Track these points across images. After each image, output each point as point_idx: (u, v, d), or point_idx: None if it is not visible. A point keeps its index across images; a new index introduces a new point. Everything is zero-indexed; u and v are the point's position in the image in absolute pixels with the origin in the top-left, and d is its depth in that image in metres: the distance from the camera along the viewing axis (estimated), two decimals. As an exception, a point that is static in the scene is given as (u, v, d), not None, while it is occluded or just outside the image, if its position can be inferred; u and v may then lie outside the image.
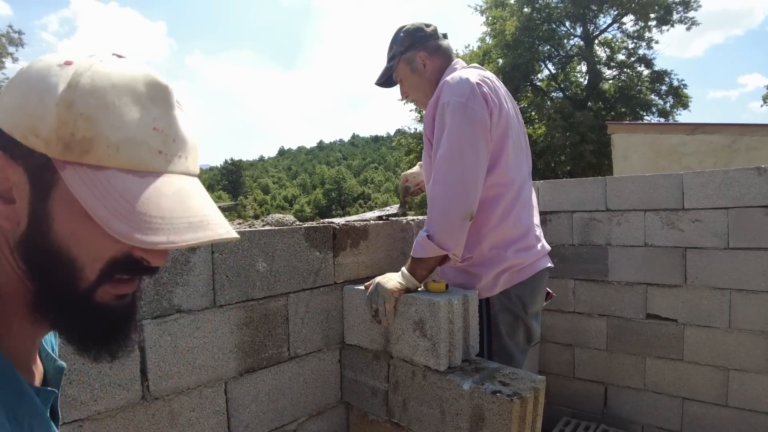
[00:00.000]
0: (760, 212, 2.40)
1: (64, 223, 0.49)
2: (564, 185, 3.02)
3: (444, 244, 1.51)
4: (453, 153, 1.50)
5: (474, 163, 1.50)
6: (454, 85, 1.56)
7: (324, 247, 1.74)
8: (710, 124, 6.53)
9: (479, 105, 1.52)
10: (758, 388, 2.45)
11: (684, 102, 20.36)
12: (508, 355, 1.69)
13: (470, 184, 1.50)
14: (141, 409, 1.29)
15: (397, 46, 1.81)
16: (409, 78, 1.82)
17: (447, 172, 1.51)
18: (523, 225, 1.67)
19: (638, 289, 2.77)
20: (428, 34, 1.79)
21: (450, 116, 1.52)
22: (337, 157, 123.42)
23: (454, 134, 1.51)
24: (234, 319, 1.48)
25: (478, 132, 1.51)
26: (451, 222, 1.50)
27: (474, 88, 1.54)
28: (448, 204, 1.50)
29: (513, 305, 1.68)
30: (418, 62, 1.78)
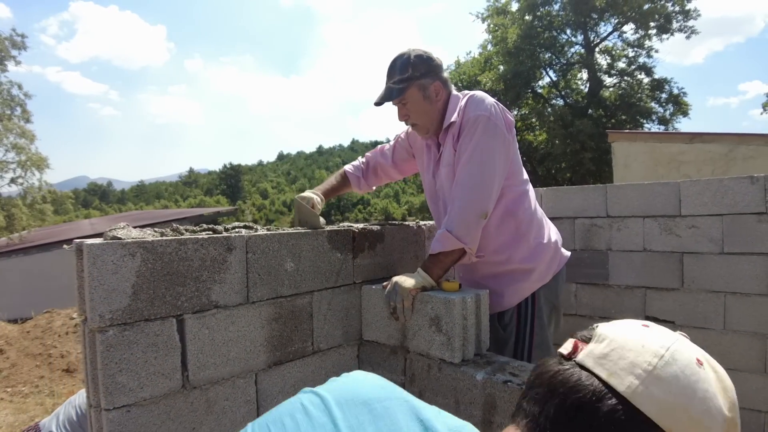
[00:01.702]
0: (753, 219, 2.53)
1: None
2: (566, 192, 3.15)
3: (462, 238, 1.71)
4: (475, 159, 1.73)
5: (492, 170, 1.73)
6: (480, 102, 1.80)
7: (344, 249, 1.87)
8: (708, 134, 6.67)
9: (500, 120, 1.76)
10: (752, 387, 2.56)
11: (684, 110, 20.56)
12: (548, 346, 1.92)
13: (487, 186, 1.72)
14: (181, 397, 1.41)
15: (413, 70, 1.84)
16: (420, 104, 1.87)
17: (467, 176, 1.73)
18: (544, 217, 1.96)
19: (638, 293, 2.89)
20: (439, 65, 1.92)
21: (476, 128, 1.75)
22: (336, 162, 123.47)
23: (477, 143, 1.74)
24: (264, 315, 1.60)
25: (498, 143, 1.75)
26: (469, 218, 1.71)
27: (495, 106, 1.79)
28: (466, 203, 1.71)
29: (552, 296, 1.95)
30: (431, 91, 1.87)
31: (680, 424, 0.52)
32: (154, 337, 1.34)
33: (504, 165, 1.78)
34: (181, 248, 1.39)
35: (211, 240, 1.45)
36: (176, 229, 1.51)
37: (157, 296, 1.35)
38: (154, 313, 1.34)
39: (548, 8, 21.00)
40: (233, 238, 1.50)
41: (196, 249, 1.42)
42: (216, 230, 1.56)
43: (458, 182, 1.75)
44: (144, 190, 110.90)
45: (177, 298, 1.39)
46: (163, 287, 1.36)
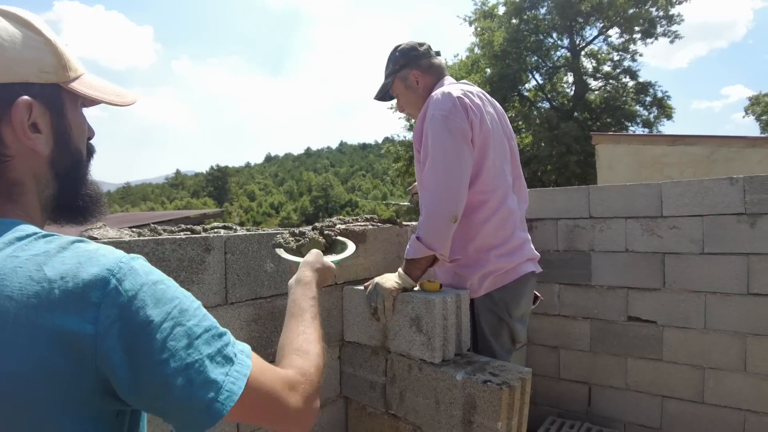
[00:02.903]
0: (732, 219, 2.56)
1: (75, 127, 0.72)
2: (550, 194, 3.17)
3: (431, 245, 1.65)
4: (437, 162, 1.65)
5: (456, 171, 1.64)
6: (439, 100, 1.70)
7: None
8: (690, 136, 6.77)
9: (460, 117, 1.65)
10: (732, 386, 2.59)
11: (668, 113, 20.82)
12: (492, 355, 1.79)
13: (453, 189, 1.64)
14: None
15: (393, 64, 1.96)
16: (404, 94, 1.97)
17: (432, 180, 1.66)
18: (506, 230, 1.78)
19: (620, 293, 2.92)
20: (421, 53, 1.94)
21: (433, 129, 1.67)
22: (324, 164, 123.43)
23: (437, 145, 1.65)
24: (244, 316, 1.59)
25: (459, 142, 1.65)
26: (437, 224, 1.64)
27: (455, 101, 1.67)
28: (433, 208, 1.64)
29: (497, 308, 1.79)
30: (411, 79, 1.93)
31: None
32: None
33: (468, 165, 1.68)
34: (158, 248, 1.37)
35: (189, 240, 1.44)
36: (154, 229, 1.50)
37: (134, 297, 1.33)
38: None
39: (534, 12, 21.15)
40: (211, 239, 1.49)
41: (173, 249, 1.40)
42: (194, 230, 1.55)
43: (425, 187, 1.69)
44: (130, 192, 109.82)
45: (154, 299, 1.37)
46: (139, 288, 1.34)
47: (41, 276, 0.53)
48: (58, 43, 0.69)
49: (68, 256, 0.56)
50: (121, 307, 0.54)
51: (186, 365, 0.57)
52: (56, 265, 0.54)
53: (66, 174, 0.71)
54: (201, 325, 0.60)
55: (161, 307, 0.57)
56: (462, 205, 1.66)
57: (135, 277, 0.57)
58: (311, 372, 0.77)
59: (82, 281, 0.54)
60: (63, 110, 0.69)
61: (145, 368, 0.55)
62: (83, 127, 0.75)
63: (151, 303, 0.56)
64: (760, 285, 2.50)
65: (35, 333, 0.51)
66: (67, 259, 0.55)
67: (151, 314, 0.56)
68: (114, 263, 0.56)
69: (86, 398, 0.55)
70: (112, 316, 0.53)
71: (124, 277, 0.55)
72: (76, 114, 0.72)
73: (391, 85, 1.98)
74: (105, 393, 0.56)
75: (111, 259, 0.57)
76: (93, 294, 0.53)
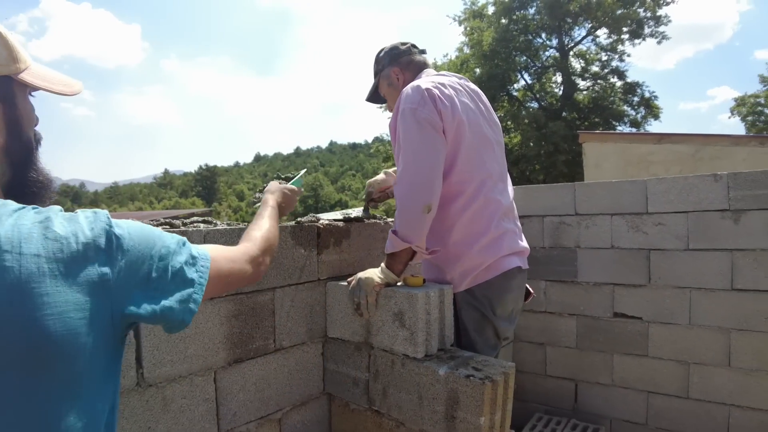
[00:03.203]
0: (716, 216, 2.57)
1: (25, 116, 0.76)
2: (536, 191, 3.16)
3: (407, 238, 1.63)
4: (407, 154, 1.63)
5: (426, 161, 1.61)
6: (408, 94, 1.68)
7: (309, 245, 1.83)
8: (676, 134, 6.82)
9: (429, 109, 1.63)
10: (716, 381, 2.61)
11: (655, 113, 21.01)
12: (475, 351, 1.74)
13: (425, 179, 1.60)
14: (135, 396, 1.36)
15: (378, 65, 2.00)
16: (389, 92, 1.98)
17: (403, 172, 1.64)
18: (485, 221, 1.72)
19: (606, 289, 2.92)
20: (402, 51, 1.96)
21: (403, 122, 1.65)
22: (314, 163, 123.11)
23: (407, 138, 1.64)
24: (224, 311, 1.56)
25: (428, 132, 1.62)
26: (410, 216, 1.62)
27: (424, 93, 1.65)
28: (406, 200, 1.62)
29: (479, 304, 1.74)
30: (393, 77, 1.94)
31: None
32: (106, 335, 1.29)
33: (440, 155, 1.64)
34: (134, 242, 1.34)
35: (166, 234, 1.41)
36: (130, 223, 1.46)
37: (109, 292, 1.30)
38: (106, 309, 1.29)
39: (524, 12, 21.25)
40: (190, 233, 1.46)
41: (150, 243, 1.37)
42: (173, 224, 1.52)
43: (397, 180, 1.67)
44: (118, 191, 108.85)
45: (130, 294, 1.34)
46: (115, 283, 1.31)
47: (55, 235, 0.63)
48: (8, 36, 0.72)
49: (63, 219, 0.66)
50: (120, 247, 0.69)
51: (173, 274, 0.75)
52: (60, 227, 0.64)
53: (19, 162, 0.75)
54: (173, 242, 0.78)
55: (145, 239, 0.73)
56: (436, 195, 1.62)
57: (118, 224, 0.71)
58: (257, 244, 1.08)
59: (90, 234, 0.66)
60: (14, 101, 0.74)
61: (149, 287, 0.72)
62: (31, 115, 0.79)
63: (138, 238, 0.72)
64: (743, 280, 2.51)
65: (70, 281, 0.62)
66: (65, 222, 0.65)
67: (141, 246, 0.72)
68: (102, 218, 0.69)
69: (105, 327, 0.67)
70: (118, 256, 0.68)
71: (113, 226, 0.69)
72: (25, 103, 0.77)
73: (377, 86, 2.02)
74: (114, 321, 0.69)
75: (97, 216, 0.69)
76: (100, 241, 0.67)
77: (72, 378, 0.63)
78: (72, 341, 0.62)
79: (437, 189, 1.62)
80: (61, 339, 0.61)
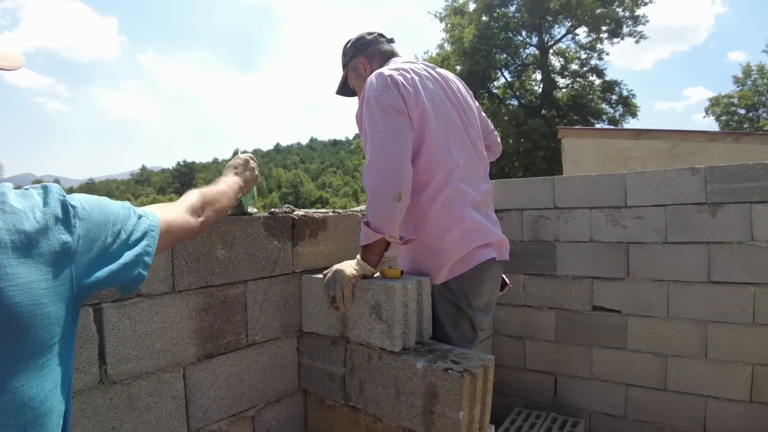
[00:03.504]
0: (694, 209, 2.58)
1: None
2: (515, 184, 3.14)
3: (379, 228, 1.58)
4: (374, 142, 1.58)
5: (393, 146, 1.56)
6: (372, 81, 1.65)
7: (283, 237, 1.78)
8: (654, 130, 6.90)
9: (392, 95, 1.59)
10: (693, 373, 2.62)
11: (633, 111, 21.33)
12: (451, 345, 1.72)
13: (392, 165, 1.55)
14: (99, 393, 1.29)
15: (345, 57, 1.98)
16: (357, 83, 1.95)
17: (370, 160, 1.59)
18: (455, 212, 1.67)
19: (585, 283, 2.92)
20: (369, 41, 1.93)
21: (368, 111, 1.62)
22: (294, 160, 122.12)
23: (372, 125, 1.60)
24: (193, 305, 1.49)
25: (393, 117, 1.58)
26: (380, 205, 1.56)
27: (387, 79, 1.61)
28: (374, 189, 1.57)
29: (454, 297, 1.69)
30: (360, 68, 1.92)
31: None
32: (66, 330, 1.22)
33: (407, 140, 1.59)
34: (96, 232, 1.27)
35: (131, 224, 1.34)
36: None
37: (69, 285, 1.22)
38: (66, 303, 1.22)
39: (504, 9, 21.36)
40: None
41: (114, 233, 1.31)
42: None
43: (364, 170, 1.62)
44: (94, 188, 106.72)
45: (93, 286, 1.27)
46: (76, 275, 1.23)
47: (12, 209, 0.64)
48: None
49: (17, 195, 0.67)
50: (77, 215, 0.72)
51: (128, 235, 0.81)
52: (16, 201, 0.66)
53: None
54: (122, 207, 0.84)
55: (98, 207, 0.78)
56: (406, 182, 1.56)
57: (71, 196, 0.74)
58: (195, 197, 1.15)
59: (46, 206, 0.69)
60: None
61: (107, 251, 0.77)
62: None
63: (91, 207, 0.76)
64: (720, 273, 2.53)
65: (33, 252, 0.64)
66: (20, 197, 0.67)
67: (96, 214, 0.76)
68: (55, 190, 0.71)
69: (68, 296, 0.70)
70: (76, 224, 0.71)
71: (67, 197, 0.73)
72: None
73: (346, 79, 2.00)
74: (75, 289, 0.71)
75: (49, 188, 0.71)
76: (57, 211, 0.69)
77: (36, 347, 0.65)
78: (36, 311, 0.64)
79: (407, 175, 1.57)
80: (25, 310, 0.62)
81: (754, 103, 24.69)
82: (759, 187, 2.42)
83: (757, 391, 2.49)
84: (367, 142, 1.63)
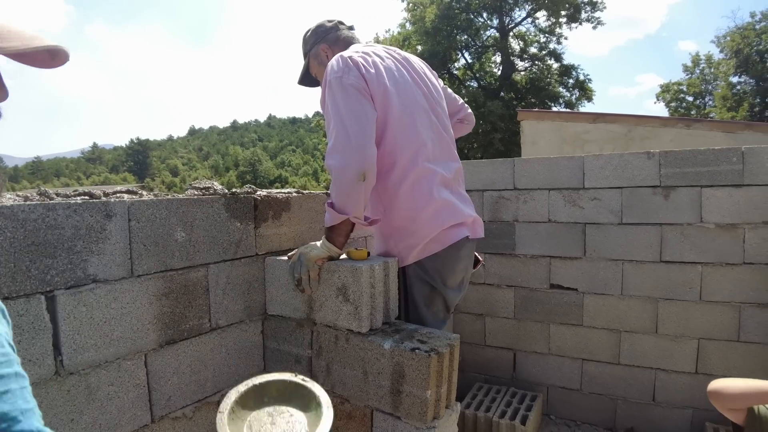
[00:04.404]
0: (648, 191, 2.68)
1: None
2: (476, 166, 3.18)
3: (343, 209, 1.56)
4: (336, 123, 1.56)
5: (356, 125, 1.54)
6: (332, 64, 1.64)
7: (245, 218, 1.74)
8: (610, 115, 7.09)
9: (354, 75, 1.59)
10: (644, 347, 2.75)
11: (588, 95, 21.87)
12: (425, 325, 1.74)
13: (356, 145, 1.53)
14: (54, 385, 1.24)
15: (306, 46, 1.97)
16: (319, 71, 1.93)
17: (334, 141, 1.56)
18: (424, 192, 1.67)
19: (543, 262, 3.00)
20: (328, 28, 1.93)
21: (330, 92, 1.60)
22: (252, 138, 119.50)
23: (334, 107, 1.58)
24: (153, 290, 1.45)
25: (354, 98, 1.57)
26: (344, 186, 1.54)
27: (347, 61, 1.61)
28: (338, 170, 1.54)
29: (429, 277, 1.71)
30: (321, 55, 1.91)
31: None
32: (17, 318, 1.15)
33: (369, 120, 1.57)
34: (48, 214, 1.21)
35: (86, 205, 1.28)
36: (44, 193, 1.32)
37: (20, 270, 1.16)
38: (17, 289, 1.15)
39: (466, -10, 21.36)
40: (112, 204, 1.33)
41: (68, 216, 1.24)
42: (93, 195, 1.38)
43: (327, 152, 1.59)
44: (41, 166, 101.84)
45: (45, 272, 1.20)
46: (27, 260, 1.17)
47: None
48: None
49: None
50: None
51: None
52: None
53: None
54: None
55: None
56: (370, 162, 1.54)
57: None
58: None
59: None
60: None
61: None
62: None
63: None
64: (671, 253, 2.64)
65: None
66: None
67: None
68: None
69: None
70: None
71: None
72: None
73: (308, 67, 1.98)
74: None
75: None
76: None
77: None
78: None
79: (371, 155, 1.54)
80: None
81: (701, 91, 25.76)
82: (708, 171, 2.53)
83: (702, 363, 2.63)
84: (330, 124, 1.60)
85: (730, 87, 23.28)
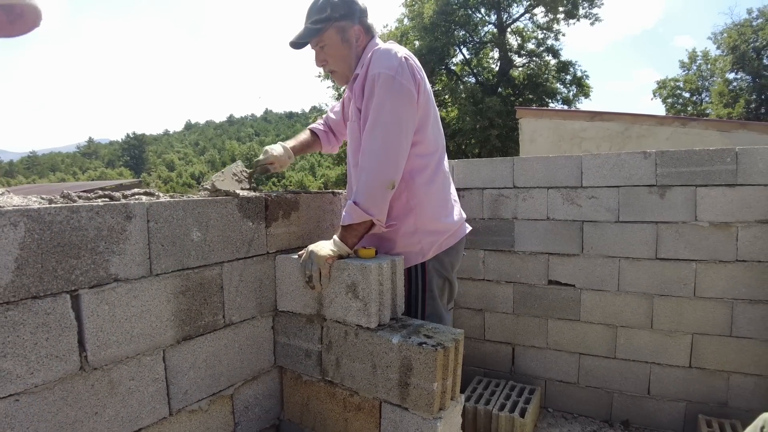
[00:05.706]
0: (644, 190, 2.74)
1: None
2: (476, 164, 3.24)
3: (369, 210, 1.63)
4: (378, 125, 1.60)
5: (397, 136, 1.60)
6: (384, 57, 1.63)
7: (257, 218, 1.80)
8: (607, 113, 7.17)
9: (407, 79, 1.61)
10: (640, 342, 2.82)
11: (586, 92, 21.92)
12: (439, 316, 1.87)
13: (392, 155, 1.61)
14: (80, 380, 1.30)
15: (331, 10, 1.74)
16: (338, 47, 1.78)
17: (372, 144, 1.62)
18: (446, 192, 1.85)
19: (541, 258, 3.07)
20: (363, 9, 1.80)
21: (379, 88, 1.61)
22: (248, 132, 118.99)
23: (380, 107, 1.60)
24: (170, 288, 1.51)
25: (404, 105, 1.61)
26: (375, 190, 1.62)
27: (402, 61, 1.62)
28: (372, 174, 1.62)
29: (444, 270, 1.88)
30: (351, 34, 1.78)
31: None
32: (45, 316, 1.22)
33: (411, 129, 1.64)
34: (73, 216, 1.27)
35: (107, 207, 1.34)
36: (67, 196, 1.38)
37: (47, 270, 1.22)
38: (44, 289, 1.21)
39: (464, -14, 21.36)
40: (132, 206, 1.39)
41: (90, 217, 1.30)
42: (113, 197, 1.44)
43: (364, 151, 1.64)
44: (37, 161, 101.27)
45: (70, 272, 1.27)
46: (53, 260, 1.23)
47: None
48: None
49: None
50: None
51: None
52: None
53: None
54: None
55: None
56: (399, 172, 1.65)
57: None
58: None
59: None
60: None
61: None
62: None
63: None
64: (666, 250, 2.71)
65: None
66: None
67: None
68: None
69: None
70: None
71: None
72: None
73: (322, 33, 1.76)
74: None
75: None
76: None
77: None
78: None
79: (402, 166, 1.66)
80: None
81: (698, 88, 25.87)
82: (703, 171, 2.60)
83: (695, 357, 2.71)
84: (368, 116, 1.64)
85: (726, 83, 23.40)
